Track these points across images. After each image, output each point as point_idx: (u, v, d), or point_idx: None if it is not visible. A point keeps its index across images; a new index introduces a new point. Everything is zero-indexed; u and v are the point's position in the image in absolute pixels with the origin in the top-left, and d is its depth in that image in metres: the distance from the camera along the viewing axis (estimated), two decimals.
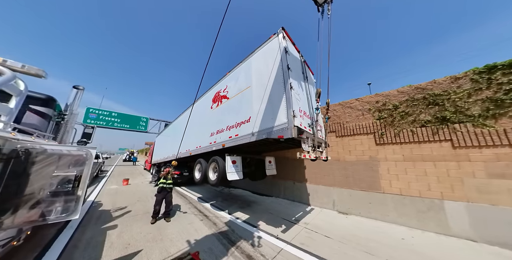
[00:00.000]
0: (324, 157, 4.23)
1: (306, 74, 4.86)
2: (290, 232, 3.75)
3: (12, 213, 1.81)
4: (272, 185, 6.91)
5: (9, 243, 2.10)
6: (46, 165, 2.04)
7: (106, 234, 3.33)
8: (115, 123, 14.75)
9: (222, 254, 2.86)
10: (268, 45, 4.36)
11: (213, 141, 5.19)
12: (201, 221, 4.13)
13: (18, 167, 1.75)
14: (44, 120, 3.03)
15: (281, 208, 5.34)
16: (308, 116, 4.13)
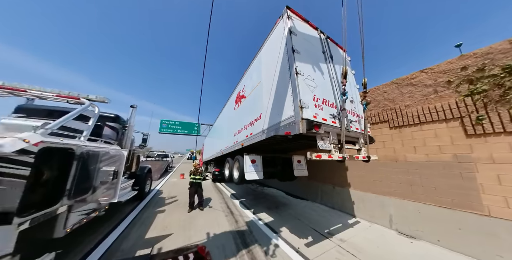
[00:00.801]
0: (364, 156, 2.92)
1: (331, 53, 3.26)
2: (316, 247, 2.82)
3: (89, 193, 2.29)
4: (308, 188, 5.49)
5: (92, 212, 2.72)
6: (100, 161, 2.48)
7: (156, 217, 3.62)
8: (178, 130, 17.77)
9: (231, 255, 2.54)
10: (274, 32, 3.29)
11: (236, 141, 4.66)
12: (226, 216, 3.74)
13: (82, 164, 2.17)
14: (114, 131, 3.42)
15: (314, 215, 4.27)
16: (332, 105, 2.73)
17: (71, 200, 2.03)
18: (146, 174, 5.16)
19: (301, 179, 5.72)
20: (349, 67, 4.09)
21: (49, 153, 1.72)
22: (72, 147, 1.97)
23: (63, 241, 2.19)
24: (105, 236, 2.97)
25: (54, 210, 1.87)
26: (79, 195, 2.12)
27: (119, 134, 3.83)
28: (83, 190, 2.17)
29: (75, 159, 2.02)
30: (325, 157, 2.30)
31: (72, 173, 2.00)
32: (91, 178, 2.27)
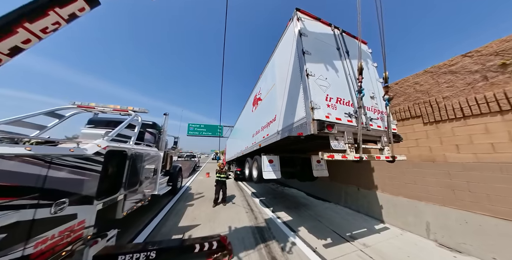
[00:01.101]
0: (387, 156, 2.64)
1: (346, 48, 3.09)
2: (335, 249, 2.70)
3: (138, 186, 2.87)
4: (330, 189, 5.20)
5: (140, 202, 3.28)
6: (145, 161, 3.02)
7: (186, 209, 4.08)
8: (203, 132, 18.90)
9: (250, 247, 2.70)
10: (286, 35, 3.33)
11: (254, 142, 4.82)
12: (246, 213, 3.94)
13: (133, 164, 2.71)
14: (152, 136, 4.03)
15: (336, 217, 4.03)
16: (348, 103, 2.74)
17: (126, 190, 2.54)
18: (178, 172, 5.86)
19: (322, 180, 5.44)
20: (370, 59, 3.73)
21: (112, 154, 2.21)
22: (125, 150, 2.47)
23: (121, 222, 2.74)
24: (148, 222, 3.54)
25: (116, 197, 2.39)
26: (131, 187, 2.63)
27: (156, 138, 4.48)
28: (133, 183, 2.68)
29: (127, 159, 2.52)
30: (339, 157, 2.18)
31: (126, 169, 2.50)
32: (138, 174, 2.78)
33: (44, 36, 1.28)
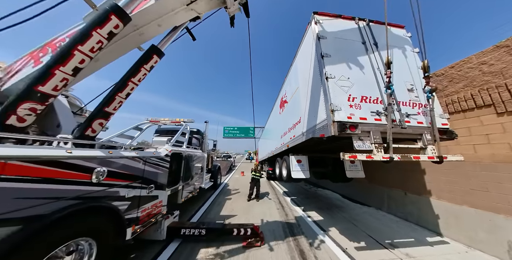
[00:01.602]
0: (431, 156, 2.38)
1: (374, 40, 3.06)
2: (368, 253, 2.61)
3: (191, 179, 3.79)
4: (370, 192, 4.82)
5: (191, 192, 4.21)
6: (194, 161, 3.94)
7: (225, 202, 4.86)
8: (237, 134, 19.96)
9: (279, 238, 3.01)
10: (305, 39, 3.60)
11: (282, 142, 5.14)
12: (277, 209, 4.32)
13: (187, 162, 3.62)
14: (197, 140, 5.10)
15: (375, 223, 3.73)
16: (377, 100, 2.81)
17: (183, 182, 3.44)
18: (217, 170, 6.89)
19: (360, 182, 5.06)
20: (409, 45, 3.32)
21: (174, 156, 3.11)
22: (181, 152, 3.37)
23: (180, 207, 3.68)
24: (198, 209, 4.48)
25: (177, 187, 3.31)
26: (186, 180, 3.53)
27: (200, 142, 5.50)
28: (187, 177, 3.59)
29: (183, 159, 3.41)
30: (362, 157, 2.19)
31: (182, 167, 3.39)
32: (190, 170, 3.67)
33: (93, 55, 1.57)
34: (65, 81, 1.52)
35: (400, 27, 3.61)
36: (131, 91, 2.10)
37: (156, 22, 2.09)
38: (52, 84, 1.46)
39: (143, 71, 2.11)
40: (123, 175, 1.91)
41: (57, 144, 1.57)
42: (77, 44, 1.50)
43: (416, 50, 3.34)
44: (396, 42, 3.35)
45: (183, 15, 2.20)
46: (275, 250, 2.66)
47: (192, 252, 2.56)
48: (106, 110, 1.96)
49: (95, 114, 1.93)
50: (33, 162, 1.16)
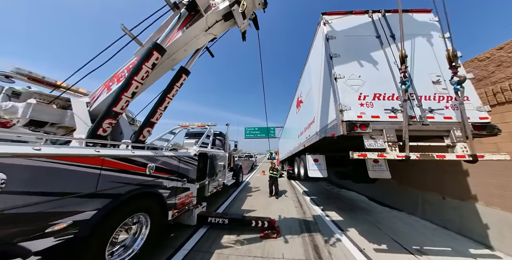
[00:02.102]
0: (460, 155, 2.17)
1: (391, 32, 3.02)
2: (389, 257, 2.55)
3: (215, 176, 4.40)
4: (401, 195, 4.49)
5: (216, 188, 4.80)
6: (217, 160, 4.53)
7: (246, 198, 5.34)
8: (257, 134, 20.13)
9: (295, 233, 3.19)
10: (316, 40, 3.80)
11: (299, 142, 5.31)
12: (295, 207, 4.53)
13: (211, 161, 4.22)
14: (220, 141, 5.77)
15: (405, 228, 3.47)
16: (392, 97, 2.71)
17: (209, 178, 4.02)
18: (239, 169, 7.45)
19: (389, 183, 4.71)
20: (436, 31, 3.03)
21: (201, 155, 3.71)
22: (207, 152, 3.96)
23: (207, 200, 4.28)
24: (222, 203, 5.04)
25: (204, 182, 3.91)
26: (211, 176, 4.12)
27: (222, 143, 6.12)
28: (212, 174, 4.17)
29: (208, 158, 4.00)
30: (373, 156, 2.22)
31: (208, 165, 3.98)
32: (214, 168, 4.24)
33: (143, 82, 2.19)
34: (127, 102, 2.19)
35: (425, 12, 3.30)
36: (167, 104, 2.72)
37: (183, 48, 2.65)
38: (120, 105, 2.13)
39: (176, 88, 2.71)
40: (165, 170, 2.51)
41: (124, 146, 2.26)
42: (133, 76, 2.14)
43: (447, 35, 3.01)
44: (420, 29, 3.11)
45: (203, 39, 2.70)
46: (290, 242, 2.89)
47: (217, 237, 3.04)
48: (152, 121, 2.62)
49: (144, 124, 2.61)
50: (115, 159, 1.79)
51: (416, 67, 2.83)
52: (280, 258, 2.46)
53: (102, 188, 1.61)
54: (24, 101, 2.20)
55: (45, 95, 2.51)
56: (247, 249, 2.70)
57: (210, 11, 2.41)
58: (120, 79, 2.59)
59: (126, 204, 1.85)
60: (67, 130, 2.48)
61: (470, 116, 2.37)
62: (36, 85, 2.53)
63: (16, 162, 1.09)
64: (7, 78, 2.30)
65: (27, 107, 2.03)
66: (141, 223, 2.20)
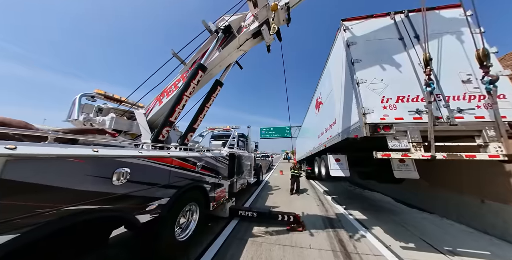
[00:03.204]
0: (494, 155, 2.20)
1: (415, 32, 3.13)
2: (417, 254, 2.62)
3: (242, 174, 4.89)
4: (433, 197, 4.37)
5: (242, 185, 5.33)
6: (243, 159, 5.04)
7: (268, 196, 5.75)
8: (273, 134, 20.29)
9: (319, 228, 3.44)
10: (336, 45, 4.03)
11: (320, 142, 5.51)
12: (317, 205, 4.78)
13: (238, 161, 4.75)
14: (243, 143, 6.30)
15: (436, 231, 3.42)
16: (417, 99, 2.83)
17: (237, 176, 4.52)
18: (259, 168, 7.94)
19: (419, 184, 4.60)
20: (466, 27, 2.95)
21: (230, 156, 4.21)
22: (234, 153, 4.45)
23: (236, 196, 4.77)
24: (246, 200, 5.50)
25: (233, 179, 4.41)
26: (239, 175, 4.62)
27: (245, 144, 6.61)
28: (240, 172, 4.67)
29: (235, 158, 4.50)
30: (397, 156, 2.39)
31: (236, 164, 4.48)
32: (241, 167, 4.72)
33: (190, 96, 2.74)
34: (179, 113, 2.75)
35: (453, 7, 3.23)
36: (205, 113, 3.25)
37: (219, 64, 3.14)
38: (174, 116, 2.69)
39: (212, 98, 3.22)
40: (207, 168, 3.03)
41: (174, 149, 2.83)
42: (184, 92, 2.68)
43: (479, 30, 2.92)
44: (448, 27, 3.08)
45: (235, 55, 3.16)
46: (315, 236, 3.17)
47: (248, 227, 3.48)
48: (194, 127, 3.17)
49: (188, 130, 3.16)
50: (178, 158, 2.33)
51: (444, 67, 2.86)
52: (307, 248, 2.77)
53: (172, 181, 2.15)
54: (105, 115, 2.93)
55: (117, 109, 3.25)
56: (276, 238, 3.07)
57: (242, 32, 2.84)
58: (169, 93, 3.20)
59: (184, 194, 2.39)
60: (133, 136, 3.18)
61: (507, 114, 2.36)
62: (109, 101, 3.29)
63: (132, 161, 1.64)
64: (92, 98, 3.07)
65: (111, 120, 2.72)
66: (193, 211, 2.74)
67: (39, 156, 1.00)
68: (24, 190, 0.94)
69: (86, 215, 1.19)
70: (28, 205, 0.95)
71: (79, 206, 1.16)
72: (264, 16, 2.71)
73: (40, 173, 1.00)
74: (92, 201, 1.23)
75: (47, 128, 1.40)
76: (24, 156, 0.93)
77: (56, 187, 1.06)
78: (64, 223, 1.07)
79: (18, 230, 0.91)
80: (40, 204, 0.99)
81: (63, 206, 1.08)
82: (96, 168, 1.29)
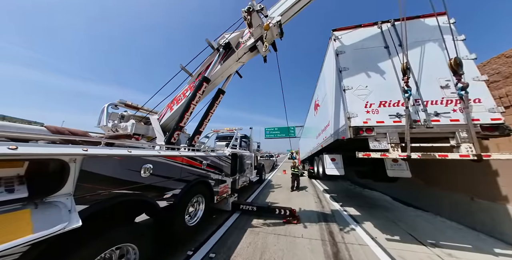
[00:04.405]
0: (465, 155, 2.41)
1: (400, 41, 3.34)
2: (400, 245, 2.88)
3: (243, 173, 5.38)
4: (428, 195, 4.57)
5: (244, 183, 5.76)
6: (245, 159, 5.51)
7: (269, 193, 6.16)
8: (277, 134, 20.44)
9: (313, 221, 3.81)
10: (328, 52, 4.39)
11: (318, 143, 5.85)
12: (315, 202, 5.11)
13: (240, 160, 5.22)
14: (245, 143, 6.77)
15: (426, 226, 3.64)
16: (398, 103, 3.10)
17: (239, 174, 4.97)
18: (262, 167, 8.35)
19: (416, 183, 4.78)
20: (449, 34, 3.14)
21: (232, 155, 4.68)
22: (237, 152, 4.92)
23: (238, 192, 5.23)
24: (248, 196, 5.95)
25: (235, 177, 4.88)
26: (240, 172, 5.08)
27: (247, 144, 7.06)
28: (241, 170, 5.13)
29: (238, 157, 4.96)
30: (376, 155, 2.69)
31: (238, 163, 4.94)
32: (243, 166, 5.18)
33: (196, 104, 3.33)
34: (187, 119, 3.26)
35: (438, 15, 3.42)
36: (210, 117, 3.74)
37: (221, 75, 3.62)
38: (184, 121, 3.21)
39: (216, 105, 3.71)
40: (211, 166, 3.52)
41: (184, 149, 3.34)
42: (191, 101, 3.19)
43: (461, 38, 3.16)
44: (431, 35, 3.30)
45: (234, 67, 3.63)
46: (308, 228, 3.54)
47: (248, 220, 3.92)
48: (200, 130, 3.67)
49: (195, 133, 3.66)
50: (187, 157, 2.83)
51: (425, 73, 3.12)
52: (299, 237, 3.15)
53: (183, 176, 2.65)
54: (126, 121, 3.51)
55: (135, 116, 3.84)
56: (272, 229, 3.48)
57: (240, 47, 3.30)
58: (178, 101, 3.73)
59: (192, 187, 2.88)
60: (148, 139, 3.74)
61: (481, 117, 2.61)
62: (128, 109, 3.88)
63: (153, 159, 2.15)
64: (115, 106, 3.67)
65: (132, 125, 3.29)
66: (199, 202, 3.24)
67: (99, 155, 1.51)
68: (91, 177, 1.45)
69: (125, 197, 1.69)
70: (94, 187, 1.46)
71: (121, 190, 1.67)
72: (258, 34, 3.14)
73: (99, 166, 1.52)
74: (128, 187, 1.74)
75: (99, 136, 1.92)
76: (92, 155, 1.44)
77: (108, 176, 1.58)
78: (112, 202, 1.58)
79: (88, 203, 1.42)
80: (99, 187, 1.50)
81: (111, 189, 1.59)
82: (130, 163, 1.80)
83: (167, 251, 2.57)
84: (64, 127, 1.67)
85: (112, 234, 1.56)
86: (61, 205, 1.21)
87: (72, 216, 1.21)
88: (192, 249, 2.64)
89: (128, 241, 1.69)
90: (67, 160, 1.28)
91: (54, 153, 1.22)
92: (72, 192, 1.31)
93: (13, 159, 1.09)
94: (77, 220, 1.21)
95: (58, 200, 1.22)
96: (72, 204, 1.26)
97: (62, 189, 1.26)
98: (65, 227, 1.14)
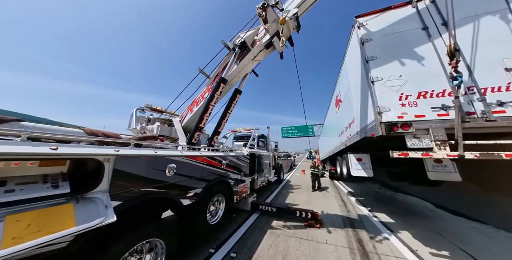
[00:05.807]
0: None
1: (443, 19, 2.85)
2: None
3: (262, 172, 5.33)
4: (485, 204, 3.79)
5: (262, 183, 5.69)
6: (263, 158, 5.45)
7: (288, 194, 5.99)
8: (295, 133, 19.65)
9: (338, 227, 3.48)
10: (351, 42, 4.06)
11: (340, 141, 5.45)
12: (339, 206, 4.76)
13: (258, 160, 5.15)
14: (263, 143, 6.74)
15: (484, 241, 3.03)
16: (443, 93, 2.67)
17: (257, 174, 4.92)
18: (280, 167, 8.16)
19: (468, 189, 4.01)
20: None
21: (251, 155, 4.65)
22: (255, 152, 4.88)
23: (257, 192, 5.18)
24: (267, 196, 5.84)
25: (254, 177, 4.84)
26: (259, 172, 5.02)
27: (265, 144, 6.98)
28: (260, 170, 5.07)
29: (256, 157, 4.92)
30: (417, 155, 2.31)
31: (256, 163, 4.89)
32: (261, 165, 5.12)
33: (214, 105, 3.35)
34: (207, 120, 3.33)
35: None
36: (228, 118, 3.76)
37: (237, 75, 3.61)
38: (203, 122, 3.29)
39: (233, 105, 3.71)
40: (231, 166, 3.54)
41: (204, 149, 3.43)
42: (210, 102, 3.25)
43: None
44: (486, 6, 2.69)
45: (250, 66, 3.57)
46: (333, 233, 3.26)
47: (268, 221, 3.82)
48: (219, 130, 3.72)
49: (214, 133, 3.73)
50: (208, 157, 2.89)
51: (481, 54, 2.55)
52: (323, 243, 2.92)
53: (204, 176, 2.71)
54: (152, 124, 3.78)
55: (159, 118, 4.12)
56: (293, 232, 3.31)
57: (256, 45, 3.22)
58: (198, 103, 3.85)
59: (213, 186, 2.92)
60: (172, 140, 3.97)
61: None
62: (154, 112, 4.19)
63: (177, 158, 2.23)
64: (142, 110, 4.00)
65: (157, 128, 3.53)
66: (220, 201, 3.28)
67: (129, 155, 1.62)
68: (123, 175, 1.56)
69: (153, 195, 1.79)
70: (125, 185, 1.57)
71: (149, 188, 1.76)
72: (274, 29, 3.01)
73: (130, 165, 1.63)
74: (155, 185, 1.83)
75: (129, 138, 2.09)
76: (123, 155, 1.55)
77: (137, 175, 1.68)
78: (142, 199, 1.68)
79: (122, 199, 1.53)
80: (130, 185, 1.61)
81: (141, 187, 1.69)
82: (156, 163, 1.90)
83: (190, 248, 2.67)
84: (98, 129, 1.85)
85: (143, 229, 1.65)
86: (99, 200, 1.32)
87: (108, 211, 1.31)
88: (214, 247, 2.68)
89: (156, 236, 1.78)
90: (102, 160, 1.39)
91: (90, 153, 1.33)
92: (108, 189, 1.42)
93: (55, 158, 1.22)
94: (112, 215, 1.30)
95: (96, 196, 1.33)
96: (108, 200, 1.37)
97: (99, 186, 1.37)
98: (103, 221, 1.23)
